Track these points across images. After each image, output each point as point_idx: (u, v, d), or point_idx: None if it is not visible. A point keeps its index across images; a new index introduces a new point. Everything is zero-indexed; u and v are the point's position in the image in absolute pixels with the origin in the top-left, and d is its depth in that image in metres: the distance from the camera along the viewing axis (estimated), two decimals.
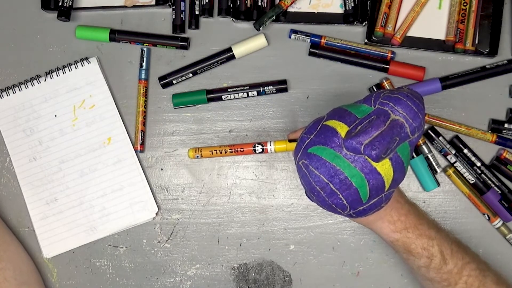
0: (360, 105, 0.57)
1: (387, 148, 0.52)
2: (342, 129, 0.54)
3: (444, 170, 0.74)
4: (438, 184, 0.74)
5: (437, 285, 0.64)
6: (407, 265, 0.67)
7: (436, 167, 0.74)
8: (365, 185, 0.53)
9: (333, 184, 0.54)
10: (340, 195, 0.54)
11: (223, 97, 0.75)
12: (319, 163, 0.55)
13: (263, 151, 0.71)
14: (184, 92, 0.76)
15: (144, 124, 0.76)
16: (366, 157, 0.53)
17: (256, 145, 0.63)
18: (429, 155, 0.73)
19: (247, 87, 0.75)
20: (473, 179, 0.73)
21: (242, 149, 0.70)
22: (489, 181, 0.73)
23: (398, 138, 0.54)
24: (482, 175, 0.73)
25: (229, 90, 0.75)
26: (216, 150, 0.70)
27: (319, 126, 0.57)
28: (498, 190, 0.73)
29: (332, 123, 0.56)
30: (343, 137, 0.54)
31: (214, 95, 0.75)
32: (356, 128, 0.53)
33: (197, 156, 0.69)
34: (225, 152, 0.70)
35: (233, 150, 0.70)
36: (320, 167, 0.55)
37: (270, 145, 0.70)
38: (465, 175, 0.74)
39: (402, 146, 0.55)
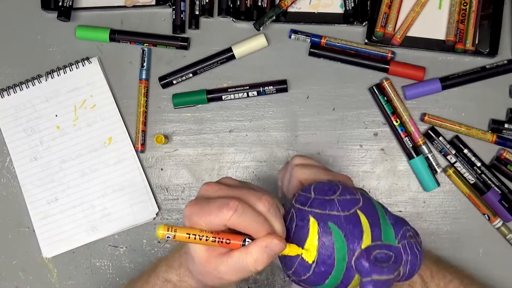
0: (389, 223, 0.53)
1: None
2: (366, 237, 0.50)
3: (444, 170, 0.74)
4: (438, 184, 0.74)
5: None
6: None
7: (436, 167, 0.74)
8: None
9: (316, 266, 0.50)
10: (311, 273, 0.50)
11: (223, 97, 0.75)
12: (326, 244, 0.49)
13: None
14: (184, 92, 0.76)
15: (145, 124, 0.76)
16: (357, 276, 0.50)
17: (247, 239, 0.48)
18: (429, 155, 0.73)
19: (247, 87, 0.75)
20: (473, 179, 0.73)
21: (228, 241, 0.48)
22: (489, 181, 0.73)
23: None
24: (482, 175, 0.73)
25: (229, 90, 0.75)
26: (195, 235, 0.47)
27: (353, 211, 0.51)
28: (498, 190, 0.73)
29: (364, 222, 0.51)
30: (362, 247, 0.50)
31: (214, 95, 0.75)
32: (374, 253, 0.50)
33: (167, 237, 0.47)
34: (206, 240, 0.47)
35: (216, 239, 0.48)
36: (323, 248, 0.50)
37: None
38: (465, 175, 0.74)
39: None
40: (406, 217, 0.74)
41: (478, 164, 0.73)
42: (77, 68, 0.76)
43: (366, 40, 0.74)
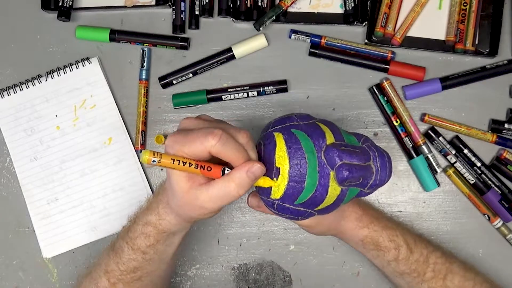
0: (350, 134, 0.58)
1: (353, 179, 0.53)
2: (329, 137, 0.55)
3: (444, 170, 0.74)
4: (438, 184, 0.74)
5: (408, 278, 0.64)
6: (377, 265, 0.67)
7: (436, 167, 0.74)
8: (310, 192, 0.53)
9: (291, 170, 0.53)
10: (287, 183, 0.53)
11: (223, 97, 0.75)
12: (294, 145, 0.53)
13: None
14: (184, 92, 0.76)
15: (145, 124, 0.76)
16: (332, 173, 0.53)
17: (226, 168, 0.52)
18: (429, 155, 0.73)
19: (247, 87, 0.75)
20: (473, 179, 0.73)
21: (210, 168, 0.52)
22: (489, 181, 0.73)
23: (364, 181, 0.55)
24: (482, 175, 0.73)
25: (229, 90, 0.75)
26: (179, 161, 0.51)
27: (311, 121, 0.56)
28: (498, 190, 0.73)
29: (324, 128, 0.56)
30: (327, 143, 0.54)
31: (214, 95, 0.75)
32: (341, 146, 0.54)
33: (153, 161, 0.50)
34: (189, 166, 0.51)
35: (199, 166, 0.52)
36: (292, 149, 0.54)
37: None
38: (465, 175, 0.74)
39: (353, 190, 0.56)
40: (406, 217, 0.75)
41: (478, 164, 0.73)
42: (77, 68, 0.76)
43: (366, 40, 0.74)
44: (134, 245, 0.61)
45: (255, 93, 0.75)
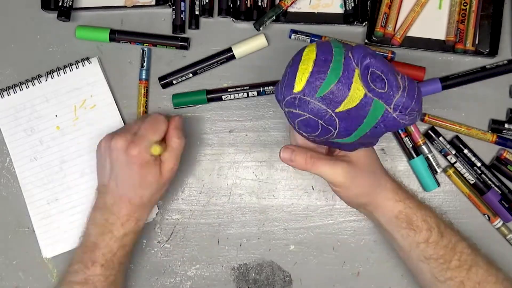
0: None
1: (378, 79, 0.53)
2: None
3: (444, 170, 0.74)
4: (438, 185, 0.74)
5: (434, 264, 0.62)
6: (403, 246, 0.64)
7: (436, 167, 0.74)
8: (332, 82, 0.53)
9: (316, 59, 0.54)
10: (311, 70, 0.54)
11: (223, 97, 0.75)
12: (323, 43, 0.56)
13: None
14: (184, 92, 0.76)
15: None
16: (358, 71, 0.53)
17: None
18: (429, 155, 0.73)
19: (247, 87, 0.75)
20: (473, 179, 0.73)
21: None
22: (489, 181, 0.73)
23: (389, 92, 0.53)
24: (482, 175, 0.73)
25: (229, 90, 0.75)
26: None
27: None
28: (498, 190, 0.73)
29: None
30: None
31: (214, 95, 0.75)
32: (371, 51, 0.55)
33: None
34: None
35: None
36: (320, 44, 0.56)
37: None
38: (465, 175, 0.74)
39: (378, 104, 0.54)
40: None
41: (478, 164, 0.73)
42: (77, 68, 0.76)
43: (366, 40, 0.74)
44: (112, 261, 0.67)
45: (255, 93, 0.75)
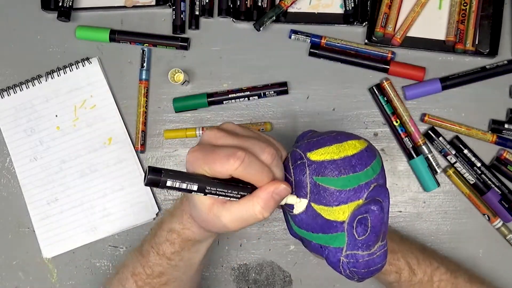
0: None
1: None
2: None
3: (444, 171, 0.74)
4: (438, 185, 0.74)
5: None
6: (379, 283, 0.66)
7: (436, 167, 0.73)
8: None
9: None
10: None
11: (224, 102, 0.75)
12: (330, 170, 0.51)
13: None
14: (185, 96, 0.76)
15: (145, 124, 0.76)
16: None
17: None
18: (429, 156, 0.73)
19: (248, 92, 0.74)
20: (473, 179, 0.73)
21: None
22: (489, 182, 0.73)
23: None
24: (482, 175, 0.73)
25: (230, 95, 0.75)
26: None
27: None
28: (498, 191, 0.73)
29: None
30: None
31: (215, 98, 0.75)
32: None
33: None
34: None
35: None
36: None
37: None
38: (465, 175, 0.74)
39: (341, 239, 0.51)
40: (406, 218, 0.75)
41: (478, 164, 0.73)
42: (77, 68, 0.76)
43: (366, 40, 0.74)
44: (159, 250, 0.59)
45: (256, 97, 0.75)
